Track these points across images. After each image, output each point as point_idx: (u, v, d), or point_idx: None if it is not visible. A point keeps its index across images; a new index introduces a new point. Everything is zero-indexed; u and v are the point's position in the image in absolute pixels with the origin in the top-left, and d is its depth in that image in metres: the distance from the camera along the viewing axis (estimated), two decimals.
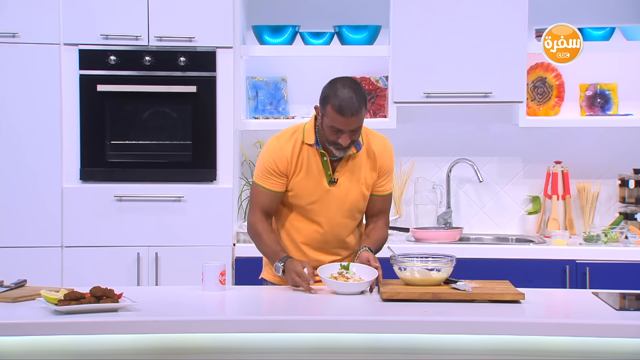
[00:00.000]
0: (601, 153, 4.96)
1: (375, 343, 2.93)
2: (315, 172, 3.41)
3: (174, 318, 2.89)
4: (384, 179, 3.48)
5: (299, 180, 3.42)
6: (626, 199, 4.84)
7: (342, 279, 3.25)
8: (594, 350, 2.89)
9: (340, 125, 3.27)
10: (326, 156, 3.40)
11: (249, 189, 4.98)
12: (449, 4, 4.62)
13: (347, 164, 3.43)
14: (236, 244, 4.58)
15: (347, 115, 3.25)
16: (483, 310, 3.02)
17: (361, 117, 3.27)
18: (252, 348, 2.93)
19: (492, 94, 4.62)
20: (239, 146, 4.83)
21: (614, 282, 4.31)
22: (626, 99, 4.90)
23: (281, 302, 3.26)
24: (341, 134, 3.29)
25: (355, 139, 3.33)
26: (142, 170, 4.56)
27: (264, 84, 4.99)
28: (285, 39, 4.78)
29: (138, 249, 4.52)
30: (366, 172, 3.45)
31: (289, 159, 3.40)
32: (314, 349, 2.94)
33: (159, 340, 2.92)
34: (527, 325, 2.87)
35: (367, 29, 4.76)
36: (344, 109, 3.24)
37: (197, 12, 4.52)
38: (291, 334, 2.92)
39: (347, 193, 3.42)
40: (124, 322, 2.85)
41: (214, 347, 2.93)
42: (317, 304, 3.18)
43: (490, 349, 2.91)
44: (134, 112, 4.58)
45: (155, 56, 4.54)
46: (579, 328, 2.85)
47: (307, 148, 3.41)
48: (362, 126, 3.32)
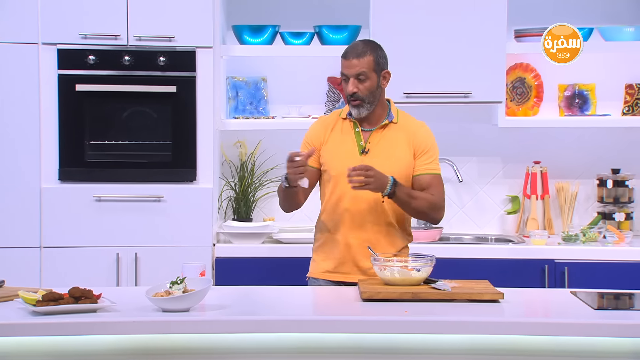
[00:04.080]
0: (580, 153, 4.99)
1: (355, 343, 2.94)
2: (348, 142, 3.50)
3: (153, 318, 2.88)
4: (423, 158, 3.48)
5: (329, 148, 3.50)
6: (604, 199, 4.87)
7: (165, 295, 2.99)
8: (572, 349, 2.91)
9: (344, 69, 3.43)
10: (358, 127, 3.49)
11: (229, 189, 4.97)
12: (429, 5, 4.63)
13: (381, 136, 3.49)
14: (216, 244, 4.57)
15: (348, 57, 3.42)
16: (462, 309, 3.03)
17: (363, 61, 3.40)
18: (231, 348, 2.93)
19: (472, 94, 4.64)
20: (219, 146, 4.82)
21: (592, 282, 4.33)
22: (604, 99, 4.93)
23: (261, 302, 3.26)
24: (348, 81, 3.41)
25: (363, 92, 3.41)
26: (122, 170, 4.55)
27: (244, 83, 4.98)
28: (265, 38, 4.78)
29: (117, 249, 4.50)
30: (402, 148, 3.48)
31: (321, 132, 3.54)
32: (294, 349, 2.93)
33: (138, 341, 2.91)
34: (505, 324, 2.89)
35: (347, 29, 4.77)
36: (347, 52, 3.44)
37: (176, 12, 4.50)
38: (271, 334, 2.92)
39: (379, 163, 3.42)
40: (103, 323, 2.84)
41: (194, 347, 2.92)
42: (297, 304, 3.18)
43: (470, 349, 2.92)
44: (114, 112, 4.56)
45: (135, 56, 4.52)
46: (558, 327, 2.87)
47: (343, 122, 3.53)
48: (370, 77, 3.41)
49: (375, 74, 3.44)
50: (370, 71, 3.43)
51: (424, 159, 3.50)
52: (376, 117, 3.52)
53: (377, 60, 3.44)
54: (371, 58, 3.43)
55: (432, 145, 3.53)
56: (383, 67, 3.48)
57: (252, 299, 3.32)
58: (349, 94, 3.44)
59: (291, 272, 4.47)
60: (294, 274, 4.45)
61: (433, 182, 3.49)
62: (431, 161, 3.50)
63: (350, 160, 3.45)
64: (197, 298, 2.97)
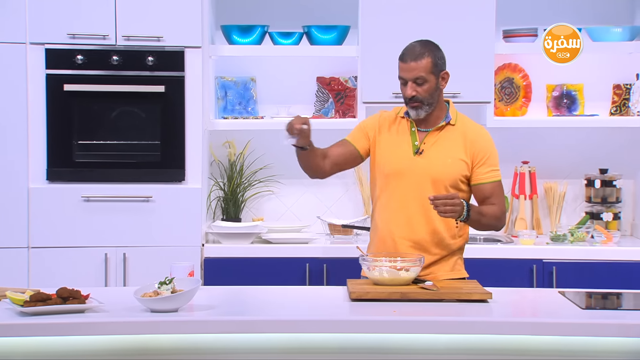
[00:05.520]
0: (568, 153, 5.00)
1: (344, 343, 2.94)
2: (403, 142, 3.46)
3: (141, 319, 2.87)
4: (484, 167, 3.43)
5: (384, 146, 3.47)
6: (592, 199, 4.89)
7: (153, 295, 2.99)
8: (560, 349, 2.91)
9: (402, 73, 3.39)
10: (414, 127, 3.46)
11: (217, 189, 4.96)
12: (418, 5, 4.64)
13: (437, 138, 3.45)
14: (205, 245, 4.56)
15: (406, 61, 3.38)
16: (451, 309, 3.04)
17: (421, 65, 3.36)
18: (220, 349, 2.92)
19: (461, 94, 4.64)
20: (207, 146, 4.81)
21: (580, 282, 4.35)
22: (592, 99, 4.95)
23: (250, 303, 3.26)
24: (406, 85, 3.38)
25: (421, 94, 3.37)
26: (110, 170, 4.53)
27: (233, 83, 4.98)
28: (254, 39, 4.77)
29: (106, 249, 4.49)
30: (457, 151, 3.43)
31: (377, 124, 3.52)
32: (283, 349, 2.93)
33: (127, 342, 2.90)
34: (494, 324, 2.89)
35: (336, 29, 4.77)
36: (404, 54, 3.40)
37: (165, 12, 4.49)
38: (260, 335, 2.91)
39: (433, 165, 3.41)
40: (91, 323, 2.83)
41: (182, 348, 2.92)
42: (286, 304, 3.18)
43: (458, 348, 2.93)
44: (102, 111, 4.55)
45: (123, 56, 4.51)
46: (546, 327, 2.88)
47: (401, 120, 3.50)
48: (429, 80, 3.36)
49: (433, 76, 3.38)
50: (428, 74, 3.36)
51: (485, 168, 3.43)
52: (434, 118, 3.46)
53: (435, 62, 3.38)
54: (429, 60, 3.36)
55: (492, 151, 3.47)
56: (441, 68, 3.41)
57: (241, 299, 3.31)
58: (408, 97, 3.39)
59: (280, 272, 4.48)
60: (283, 274, 4.47)
61: (495, 190, 3.44)
62: (492, 169, 3.45)
63: (404, 159, 3.43)
64: (185, 298, 2.96)
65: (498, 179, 3.46)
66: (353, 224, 4.61)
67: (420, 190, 3.40)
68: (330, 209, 5.00)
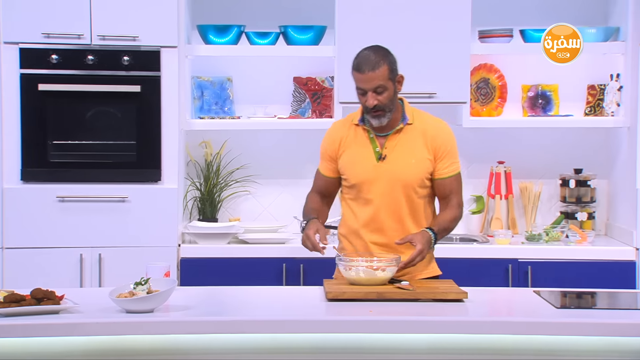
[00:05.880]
0: (543, 153, 5.03)
1: (320, 343, 2.94)
2: (363, 150, 3.45)
3: (116, 320, 2.86)
4: (444, 161, 3.45)
5: (346, 158, 3.46)
6: (567, 199, 4.92)
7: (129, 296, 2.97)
8: (535, 348, 2.93)
9: (360, 83, 3.35)
10: (372, 133, 3.44)
11: (194, 189, 4.95)
12: (394, 6, 4.65)
13: (397, 140, 3.44)
14: (181, 245, 4.55)
15: (363, 71, 3.33)
16: (427, 309, 3.05)
17: (379, 74, 3.32)
18: (196, 349, 2.92)
19: (437, 94, 4.66)
20: (184, 146, 4.79)
21: (555, 281, 4.38)
22: (567, 100, 4.98)
23: (226, 303, 3.26)
24: (366, 95, 3.34)
25: (383, 102, 3.34)
26: (86, 170, 4.51)
27: (209, 83, 4.96)
28: (230, 38, 4.76)
29: (81, 250, 4.46)
30: (419, 150, 3.43)
31: (335, 141, 3.51)
32: (259, 349, 2.93)
33: (102, 342, 2.89)
34: (469, 323, 2.91)
35: (313, 29, 4.77)
36: (360, 65, 3.35)
37: (141, 11, 4.48)
38: (236, 335, 2.91)
39: (397, 169, 3.41)
40: (66, 324, 2.82)
41: (158, 348, 2.91)
42: (262, 304, 3.18)
43: (434, 348, 2.94)
44: (77, 111, 4.52)
45: (98, 55, 4.48)
46: (521, 326, 2.89)
47: (356, 128, 3.48)
48: (388, 87, 3.34)
49: (391, 82, 3.36)
50: (387, 81, 3.35)
51: (446, 162, 3.45)
52: (391, 122, 3.44)
53: (391, 68, 3.36)
54: (385, 67, 3.34)
55: (452, 144, 3.48)
56: (396, 72, 3.40)
57: (217, 299, 3.31)
58: (370, 107, 3.36)
59: (257, 272, 4.47)
60: (259, 275, 4.46)
61: (454, 184, 3.48)
62: (452, 162, 3.46)
63: (369, 168, 3.43)
64: (161, 299, 2.96)
65: (457, 171, 3.49)
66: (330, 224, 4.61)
67: (389, 195, 3.42)
68: None
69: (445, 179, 3.46)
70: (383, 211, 3.42)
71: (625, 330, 2.86)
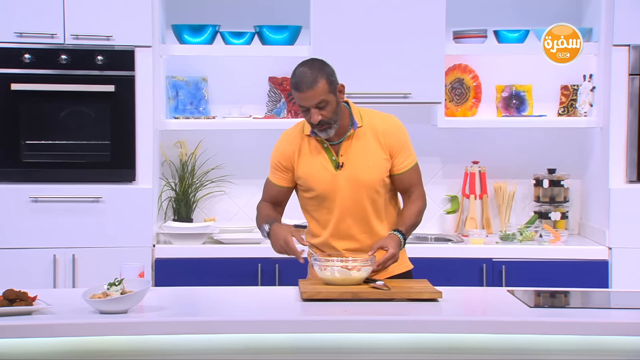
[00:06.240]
0: (517, 153, 5.06)
1: (295, 343, 2.94)
2: (320, 160, 3.41)
3: (90, 320, 2.84)
4: (400, 157, 3.43)
5: (304, 171, 3.42)
6: (541, 199, 4.95)
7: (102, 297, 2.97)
8: (509, 347, 2.95)
9: (301, 101, 3.29)
10: (325, 142, 3.41)
11: (169, 190, 4.93)
12: (369, 6, 4.65)
13: (351, 146, 3.41)
14: (156, 245, 4.53)
15: (303, 90, 3.27)
16: (401, 309, 3.06)
17: (318, 90, 3.26)
18: (170, 350, 2.91)
19: (412, 94, 4.67)
20: (158, 146, 4.78)
21: (528, 280, 4.41)
22: (541, 100, 5.01)
23: (201, 303, 3.25)
24: (309, 112, 3.30)
25: (327, 116, 3.30)
26: (59, 170, 4.48)
27: (184, 83, 4.95)
28: (205, 38, 4.75)
29: (54, 250, 4.43)
30: (374, 150, 3.41)
31: (290, 153, 3.44)
32: (234, 350, 2.93)
33: (75, 344, 2.87)
34: (444, 323, 2.92)
35: (288, 29, 4.77)
36: (298, 84, 3.28)
37: (114, 11, 4.46)
38: (211, 335, 2.90)
39: (357, 174, 3.38)
40: (38, 326, 2.80)
41: (132, 349, 2.90)
42: (237, 304, 3.18)
43: (409, 347, 2.95)
44: (50, 111, 4.50)
45: (72, 55, 4.46)
46: (495, 325, 2.91)
47: (309, 139, 3.43)
48: (329, 100, 3.28)
49: (332, 95, 3.31)
50: (327, 94, 3.29)
51: (401, 157, 3.43)
52: (341, 129, 3.40)
53: (330, 80, 3.30)
54: (324, 82, 3.28)
55: (404, 137, 3.45)
56: (336, 83, 3.34)
57: (192, 300, 3.30)
58: (315, 123, 3.31)
59: (232, 272, 4.47)
60: (235, 275, 4.45)
61: (413, 176, 3.46)
62: (407, 155, 3.44)
63: (328, 178, 3.39)
64: (135, 299, 2.94)
65: (414, 163, 3.47)
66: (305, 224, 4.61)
67: (353, 201, 3.41)
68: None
69: (403, 173, 3.44)
70: (349, 218, 3.42)
71: (597, 329, 2.89)
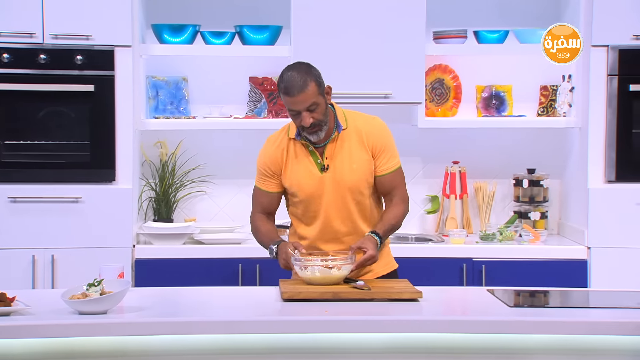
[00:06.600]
0: (497, 153, 5.08)
1: (275, 343, 2.94)
2: (306, 163, 3.43)
3: (68, 321, 2.83)
4: (382, 158, 3.43)
5: (290, 175, 3.44)
6: (520, 198, 4.97)
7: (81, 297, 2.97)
8: (489, 346, 2.96)
9: (292, 106, 3.30)
10: (310, 145, 3.42)
11: (149, 190, 4.92)
12: (349, 6, 4.66)
13: (335, 148, 3.42)
14: (136, 246, 4.51)
15: (294, 94, 3.28)
16: (382, 309, 3.06)
17: (309, 93, 3.28)
18: (150, 351, 2.90)
19: (392, 95, 4.68)
20: (138, 146, 4.76)
21: (508, 280, 4.42)
22: (520, 100, 5.03)
23: (181, 304, 3.24)
24: (299, 115, 3.31)
25: (318, 118, 3.32)
26: (38, 170, 4.46)
27: (164, 83, 4.93)
28: (185, 38, 4.74)
29: (33, 251, 4.41)
30: (358, 152, 3.42)
31: (277, 158, 3.45)
32: (214, 350, 2.92)
33: (54, 345, 2.85)
34: (424, 322, 2.92)
35: (268, 29, 4.76)
36: (288, 89, 3.29)
37: (94, 10, 4.44)
38: (191, 336, 2.89)
39: (342, 176, 3.40)
40: (17, 327, 2.78)
41: (111, 350, 2.88)
42: (217, 305, 3.17)
43: (389, 347, 2.95)
44: (29, 111, 4.47)
45: (51, 54, 4.43)
46: (474, 325, 2.92)
47: (294, 143, 3.44)
48: (319, 102, 3.30)
49: (321, 97, 3.33)
50: (317, 96, 3.30)
51: (383, 159, 3.44)
52: (327, 131, 3.42)
53: (318, 83, 3.32)
54: (313, 85, 3.29)
55: (387, 139, 3.46)
56: (323, 85, 3.36)
57: (172, 300, 3.29)
58: (307, 126, 3.33)
59: (213, 273, 4.46)
60: (215, 275, 4.44)
61: (395, 179, 3.46)
62: (389, 157, 3.45)
63: (314, 181, 3.41)
64: (114, 300, 2.93)
65: (397, 166, 3.47)
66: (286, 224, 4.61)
67: (339, 204, 3.42)
68: None
69: (385, 175, 3.45)
70: (335, 220, 3.43)
71: (576, 329, 2.90)
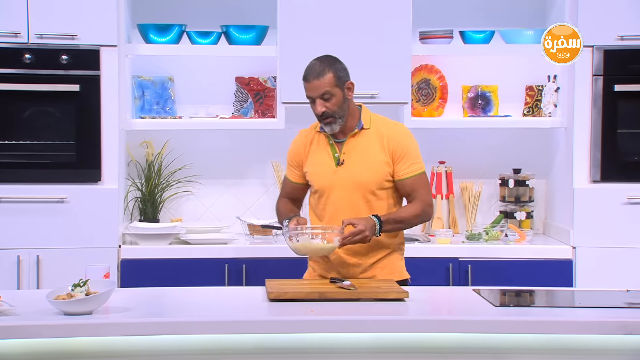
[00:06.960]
0: (483, 153, 5.09)
1: (261, 343, 2.94)
2: (324, 155, 3.55)
3: (53, 322, 2.82)
4: (402, 163, 3.50)
5: (309, 164, 3.57)
6: (506, 198, 4.99)
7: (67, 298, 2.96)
8: (475, 346, 2.97)
9: (309, 92, 3.46)
10: (331, 139, 3.54)
11: (135, 190, 4.90)
12: (336, 6, 4.66)
13: (353, 145, 3.52)
14: (122, 246, 4.50)
15: (310, 80, 3.45)
16: (368, 308, 3.07)
17: (324, 81, 3.43)
18: (135, 351, 2.89)
19: (379, 95, 4.68)
20: (124, 146, 4.74)
21: (494, 279, 4.44)
22: (506, 100, 5.04)
23: (167, 304, 3.24)
24: (315, 102, 3.45)
25: (331, 109, 3.44)
26: (23, 170, 4.44)
27: (150, 83, 4.92)
28: (171, 38, 4.73)
29: (18, 251, 4.39)
30: (376, 153, 3.50)
31: (300, 149, 3.62)
32: (200, 350, 2.92)
33: (39, 345, 2.84)
34: (410, 322, 2.93)
35: (255, 29, 4.76)
36: (307, 75, 3.46)
37: (79, 10, 4.42)
38: (176, 336, 2.89)
39: (354, 173, 3.49)
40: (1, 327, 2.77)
41: (97, 351, 2.88)
42: (204, 305, 3.17)
43: (376, 347, 2.95)
44: (14, 111, 4.45)
45: (36, 54, 4.42)
46: (460, 325, 2.92)
47: (319, 135, 3.58)
48: (334, 93, 3.44)
49: (338, 89, 3.46)
50: (333, 87, 3.44)
51: (404, 163, 3.50)
52: (348, 128, 3.54)
53: (338, 75, 3.46)
54: (331, 74, 3.44)
55: (409, 145, 3.53)
56: (345, 79, 3.49)
57: (158, 300, 3.28)
58: (319, 114, 3.47)
59: (199, 273, 4.45)
60: (202, 275, 4.44)
61: (416, 183, 3.51)
62: (411, 162, 3.51)
63: (328, 173, 3.51)
64: (100, 300, 2.92)
65: (419, 171, 3.53)
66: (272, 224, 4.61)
67: (349, 199, 3.49)
68: (249, 209, 4.99)
69: (405, 179, 3.52)
70: (342, 215, 3.47)
71: (562, 328, 2.92)
